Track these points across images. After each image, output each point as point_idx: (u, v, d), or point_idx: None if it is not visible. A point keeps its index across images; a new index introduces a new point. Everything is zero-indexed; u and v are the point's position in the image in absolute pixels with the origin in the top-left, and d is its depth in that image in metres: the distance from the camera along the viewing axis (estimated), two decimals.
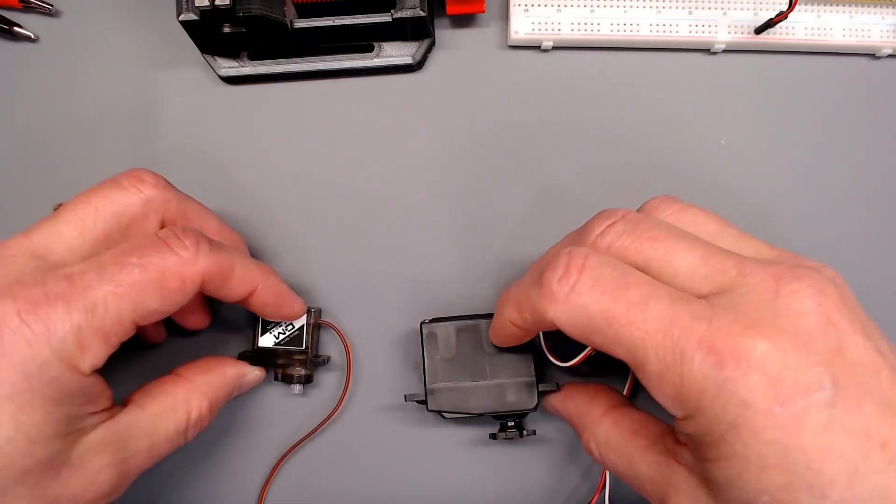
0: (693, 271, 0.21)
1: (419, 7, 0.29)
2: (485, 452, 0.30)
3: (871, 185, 0.32)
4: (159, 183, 0.26)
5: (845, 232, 0.32)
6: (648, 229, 0.22)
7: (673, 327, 0.19)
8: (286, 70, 0.32)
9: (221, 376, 0.27)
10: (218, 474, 0.31)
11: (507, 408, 0.28)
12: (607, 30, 0.31)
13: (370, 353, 0.31)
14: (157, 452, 0.24)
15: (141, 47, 0.33)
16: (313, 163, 0.32)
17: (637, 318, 0.20)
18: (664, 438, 0.23)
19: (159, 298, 0.22)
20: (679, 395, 0.20)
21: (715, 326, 0.19)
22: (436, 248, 0.31)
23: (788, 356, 0.18)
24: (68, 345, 0.21)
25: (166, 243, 0.23)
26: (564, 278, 0.21)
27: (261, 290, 0.26)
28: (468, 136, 0.32)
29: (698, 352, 0.19)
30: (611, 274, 0.21)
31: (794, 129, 0.32)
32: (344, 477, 0.30)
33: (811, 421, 0.18)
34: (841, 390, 0.18)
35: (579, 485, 0.30)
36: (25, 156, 0.32)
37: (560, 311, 0.21)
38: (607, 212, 0.23)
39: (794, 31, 0.31)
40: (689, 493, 0.21)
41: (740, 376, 0.18)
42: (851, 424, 0.18)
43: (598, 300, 0.20)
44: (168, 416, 0.25)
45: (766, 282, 0.20)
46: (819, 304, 0.19)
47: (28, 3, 0.32)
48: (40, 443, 0.20)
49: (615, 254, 0.22)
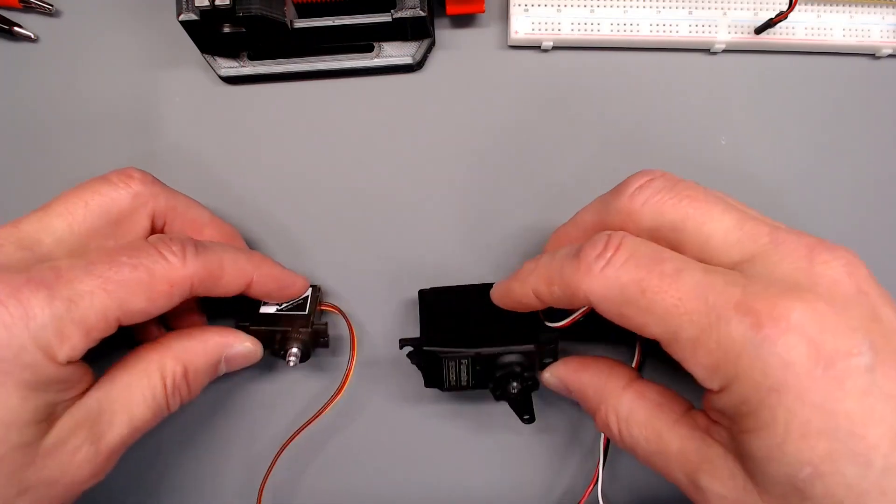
0: (727, 235, 0.21)
1: (419, 7, 0.29)
2: (483, 442, 0.31)
3: (872, 185, 0.32)
4: (147, 179, 0.26)
5: (845, 232, 0.31)
6: (687, 188, 0.22)
7: (707, 292, 0.19)
8: (286, 70, 0.32)
9: (200, 342, 0.26)
10: (218, 460, 0.31)
11: (508, 344, 0.26)
12: (607, 30, 0.31)
13: (372, 347, 0.31)
14: (137, 425, 0.23)
15: (141, 47, 0.33)
16: (313, 163, 0.32)
17: (670, 286, 0.20)
18: (692, 414, 0.23)
19: (146, 300, 0.22)
20: (715, 361, 0.19)
21: (751, 291, 0.19)
22: (436, 247, 0.31)
23: (827, 320, 0.18)
24: (47, 332, 0.20)
25: (155, 247, 0.23)
26: (602, 255, 0.21)
27: (257, 280, 0.26)
28: (468, 135, 0.32)
29: (735, 314, 0.19)
30: (645, 250, 0.21)
31: (794, 129, 0.32)
32: (344, 461, 0.31)
33: (852, 384, 0.18)
34: (880, 356, 0.18)
35: (576, 479, 0.30)
36: (25, 156, 0.32)
37: (595, 284, 0.21)
38: (646, 170, 0.23)
39: (794, 31, 0.31)
40: (727, 470, 0.20)
41: (779, 335, 0.18)
42: (891, 390, 0.18)
43: (632, 272, 0.21)
44: (141, 382, 0.24)
45: (799, 250, 0.20)
46: (851, 275, 0.19)
47: (28, 3, 0.32)
48: (16, 428, 0.20)
49: (652, 209, 0.22)
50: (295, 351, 0.28)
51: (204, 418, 0.27)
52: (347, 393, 0.30)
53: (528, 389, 0.26)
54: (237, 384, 0.31)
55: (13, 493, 0.20)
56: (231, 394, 0.31)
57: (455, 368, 0.27)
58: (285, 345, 0.28)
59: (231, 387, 0.31)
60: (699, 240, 0.21)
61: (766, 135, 0.32)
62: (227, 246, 0.26)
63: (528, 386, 0.26)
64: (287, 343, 0.28)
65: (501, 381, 0.26)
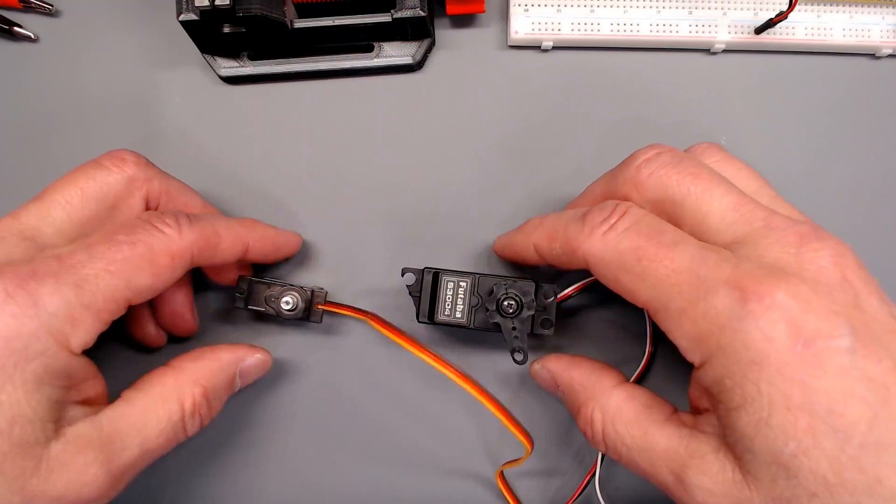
0: (724, 216, 0.22)
1: (419, 7, 0.29)
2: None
3: (872, 185, 0.32)
4: (140, 161, 0.26)
5: (845, 232, 0.31)
6: (692, 166, 0.23)
7: (699, 266, 0.20)
8: (286, 70, 0.32)
9: (215, 361, 0.26)
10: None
11: (506, 275, 0.26)
12: (607, 30, 0.31)
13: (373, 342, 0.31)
14: (151, 448, 0.23)
15: (141, 47, 0.33)
16: (313, 163, 0.32)
17: (665, 255, 0.21)
18: (678, 415, 0.24)
19: (150, 275, 0.23)
20: (699, 332, 0.20)
21: (740, 269, 0.20)
22: (436, 247, 0.31)
23: (811, 302, 0.19)
24: (58, 320, 0.21)
25: (150, 222, 0.23)
26: (607, 220, 0.22)
27: (254, 244, 0.27)
28: (468, 135, 0.32)
29: (722, 287, 0.20)
30: (648, 221, 0.22)
31: (794, 129, 0.32)
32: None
33: (832, 364, 0.18)
34: (860, 341, 0.19)
35: (571, 473, 0.30)
36: (25, 156, 0.32)
37: (595, 247, 0.22)
38: (655, 144, 0.24)
39: (794, 31, 0.31)
40: (716, 462, 0.21)
41: (763, 311, 0.19)
42: (871, 373, 0.18)
43: (632, 239, 0.22)
44: (158, 407, 0.23)
45: (790, 236, 0.21)
46: (837, 264, 0.20)
47: (28, 3, 0.32)
48: (19, 423, 0.20)
49: (656, 182, 0.23)
50: (287, 299, 0.28)
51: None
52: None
53: (522, 320, 0.26)
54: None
55: (17, 502, 0.20)
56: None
57: (452, 294, 0.27)
58: (279, 301, 0.28)
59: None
60: (697, 217, 0.22)
61: (766, 134, 0.32)
62: (219, 215, 0.27)
63: (522, 312, 0.26)
64: (283, 303, 0.28)
65: (499, 301, 0.26)
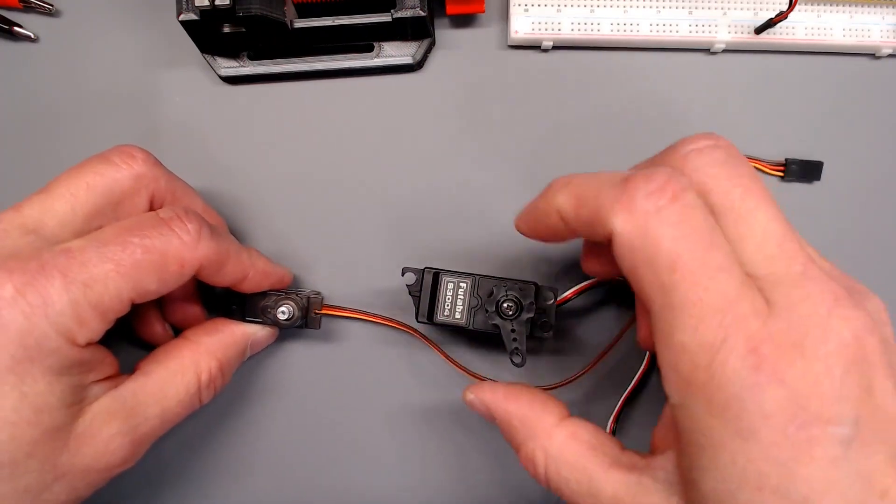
0: (764, 245, 0.19)
1: (419, 7, 0.29)
2: (487, 433, 0.30)
3: (871, 185, 0.32)
4: (149, 160, 0.26)
5: (844, 232, 0.32)
6: (746, 175, 0.20)
7: (730, 309, 0.18)
8: (286, 70, 0.32)
9: (230, 335, 0.27)
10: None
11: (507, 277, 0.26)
12: (607, 30, 0.31)
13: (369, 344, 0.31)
14: (170, 417, 0.24)
15: (141, 47, 0.33)
16: (313, 163, 0.32)
17: (703, 281, 0.18)
18: (626, 455, 0.22)
19: (158, 280, 0.23)
20: (693, 378, 0.18)
21: (766, 329, 0.18)
22: (436, 247, 0.31)
23: (821, 384, 0.18)
24: (66, 318, 0.21)
25: (168, 225, 0.23)
26: (655, 195, 0.19)
27: (251, 277, 0.27)
28: (468, 135, 0.32)
29: (742, 345, 0.18)
30: (701, 223, 0.19)
31: (795, 129, 0.32)
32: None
33: (822, 452, 0.17)
34: (860, 431, 0.18)
35: None
36: (25, 155, 0.32)
37: (628, 225, 0.19)
38: (707, 134, 0.21)
39: (794, 31, 0.31)
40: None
41: (770, 385, 0.17)
42: (859, 467, 0.17)
43: (677, 241, 0.18)
44: (176, 379, 0.25)
45: (825, 294, 0.19)
46: (861, 339, 0.18)
47: (28, 3, 0.32)
48: (46, 412, 0.20)
49: (702, 179, 0.20)
50: (284, 309, 0.28)
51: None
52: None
53: (521, 322, 0.25)
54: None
55: (50, 479, 0.21)
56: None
57: (452, 295, 0.27)
58: (276, 312, 0.28)
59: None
60: (734, 235, 0.19)
61: (766, 134, 0.32)
62: (230, 235, 0.27)
63: (521, 315, 0.25)
64: (280, 313, 0.28)
65: (498, 302, 0.26)
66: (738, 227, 0.20)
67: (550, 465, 0.23)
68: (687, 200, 0.19)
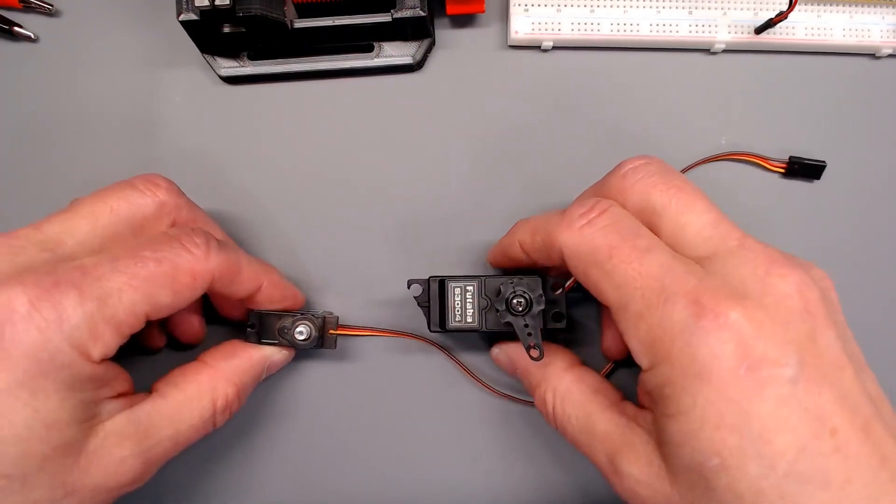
0: (701, 230, 0.22)
1: (419, 7, 0.29)
2: (499, 433, 0.31)
3: (871, 185, 0.32)
4: (172, 189, 0.26)
5: (844, 232, 0.32)
6: (677, 179, 0.24)
7: (666, 274, 0.21)
8: (286, 70, 0.32)
9: (247, 360, 0.27)
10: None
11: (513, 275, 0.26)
12: (607, 30, 0.31)
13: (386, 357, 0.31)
14: (182, 441, 0.24)
15: (141, 47, 0.33)
16: (313, 163, 0.32)
17: (636, 258, 0.21)
18: (623, 403, 0.25)
19: (171, 293, 0.23)
20: (652, 338, 0.21)
21: (703, 285, 0.20)
22: (436, 247, 0.31)
23: (764, 328, 0.19)
24: (80, 332, 0.21)
25: (178, 240, 0.23)
26: (587, 214, 0.23)
27: (266, 288, 0.27)
28: (468, 136, 0.32)
29: (682, 299, 0.20)
30: (627, 223, 0.23)
31: (795, 129, 0.32)
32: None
33: (772, 392, 0.19)
34: (805, 372, 0.19)
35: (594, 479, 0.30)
36: (25, 156, 0.32)
37: (571, 238, 0.23)
38: (642, 155, 0.25)
39: (794, 31, 0.31)
40: (644, 455, 0.22)
41: (715, 329, 0.19)
42: (808, 405, 0.19)
43: (608, 237, 0.22)
44: (192, 404, 0.25)
45: (759, 259, 0.21)
46: (801, 293, 0.20)
47: (28, 3, 0.32)
48: (57, 428, 0.20)
49: (641, 189, 0.23)
50: (301, 329, 0.27)
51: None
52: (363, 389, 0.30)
53: (534, 316, 0.26)
54: None
55: (60, 495, 0.21)
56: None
57: (461, 299, 0.27)
58: (295, 335, 0.27)
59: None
60: (674, 228, 0.23)
61: (766, 135, 0.32)
62: (242, 250, 0.27)
63: (532, 309, 0.25)
64: (298, 334, 0.27)
65: (508, 300, 0.26)
66: (678, 220, 0.23)
67: (557, 403, 0.26)
68: (612, 211, 0.23)
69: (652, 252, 0.21)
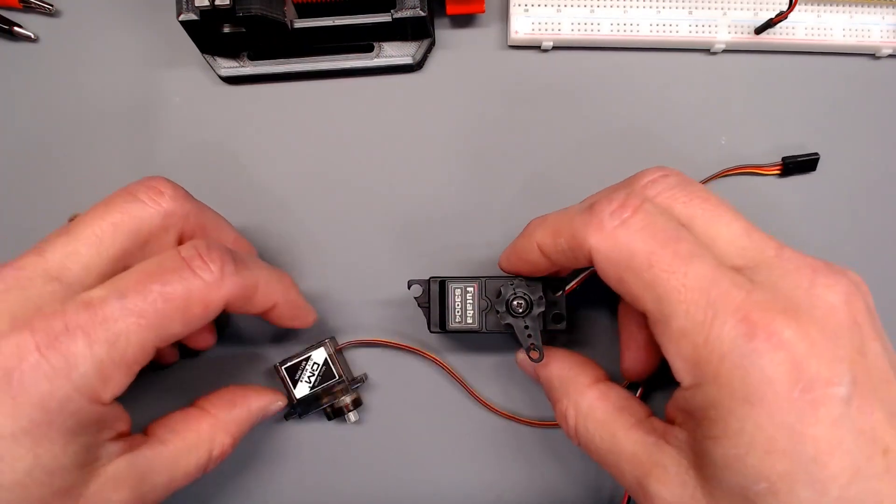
0: (734, 240, 0.21)
1: (419, 7, 0.29)
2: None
3: (872, 185, 0.32)
4: (178, 195, 0.25)
5: (844, 232, 0.32)
6: (700, 190, 0.22)
7: (712, 287, 0.19)
8: (286, 70, 0.32)
9: (246, 411, 0.27)
10: None
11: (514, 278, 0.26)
12: (607, 30, 0.31)
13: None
14: (175, 486, 0.24)
15: (141, 47, 0.33)
16: (313, 163, 0.32)
17: (679, 268, 0.20)
18: (650, 420, 0.23)
19: (182, 324, 0.22)
20: (697, 357, 0.19)
21: (753, 299, 0.19)
22: (436, 247, 0.31)
23: (817, 345, 0.18)
24: (90, 379, 0.20)
25: (190, 267, 0.22)
26: (618, 212, 0.21)
27: (281, 306, 0.26)
28: (468, 135, 0.32)
29: (732, 317, 0.19)
30: (664, 224, 0.21)
31: (794, 129, 0.32)
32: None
33: (825, 412, 0.18)
34: (858, 390, 0.18)
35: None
36: (25, 156, 0.32)
37: (603, 241, 0.21)
38: (660, 166, 0.23)
39: (794, 31, 0.31)
40: (677, 476, 0.21)
41: (768, 351, 0.18)
42: (861, 425, 0.18)
43: (646, 241, 0.20)
44: (190, 453, 0.25)
45: (803, 269, 0.20)
46: (849, 304, 0.19)
47: (28, 3, 0.32)
48: (58, 474, 0.20)
49: (662, 203, 0.22)
50: (354, 415, 0.29)
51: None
52: None
53: (534, 317, 0.26)
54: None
55: None
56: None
57: (461, 300, 0.27)
58: (337, 411, 0.29)
59: None
60: (704, 240, 0.21)
61: (766, 135, 0.32)
62: (262, 264, 0.26)
63: (532, 310, 0.26)
64: (339, 412, 0.29)
65: (508, 301, 0.26)
66: (706, 231, 0.21)
67: (580, 421, 0.24)
68: (647, 209, 0.21)
69: (696, 260, 0.20)
